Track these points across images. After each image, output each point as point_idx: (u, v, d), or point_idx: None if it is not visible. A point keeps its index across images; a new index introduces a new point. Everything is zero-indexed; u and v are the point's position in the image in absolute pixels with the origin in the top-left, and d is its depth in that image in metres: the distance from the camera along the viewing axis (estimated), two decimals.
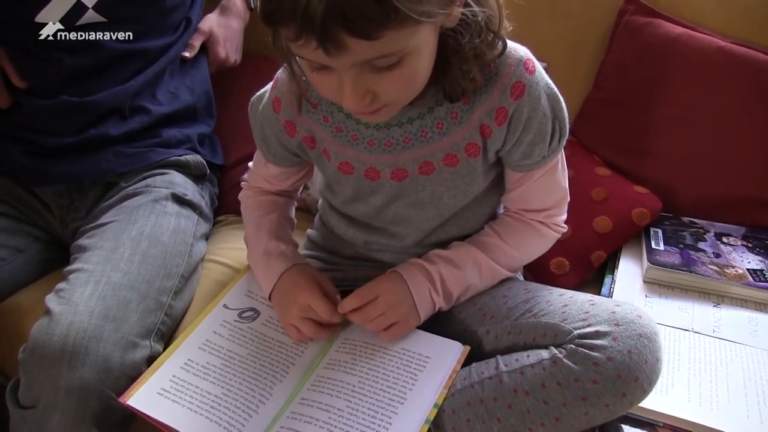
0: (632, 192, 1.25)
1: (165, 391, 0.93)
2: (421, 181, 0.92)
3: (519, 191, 0.96)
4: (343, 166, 0.94)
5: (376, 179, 0.94)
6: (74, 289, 0.99)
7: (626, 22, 1.34)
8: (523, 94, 0.85)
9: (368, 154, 0.92)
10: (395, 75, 0.74)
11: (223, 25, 1.45)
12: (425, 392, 0.88)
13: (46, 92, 1.21)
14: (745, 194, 1.25)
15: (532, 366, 0.83)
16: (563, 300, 0.89)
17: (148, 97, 1.27)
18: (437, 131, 0.89)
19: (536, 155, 0.90)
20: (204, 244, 1.25)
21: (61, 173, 1.22)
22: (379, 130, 0.90)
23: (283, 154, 1.01)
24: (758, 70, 1.23)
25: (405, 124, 0.89)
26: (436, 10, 0.70)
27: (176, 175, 1.25)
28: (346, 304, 0.95)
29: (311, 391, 0.92)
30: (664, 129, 1.29)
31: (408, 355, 0.93)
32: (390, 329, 0.94)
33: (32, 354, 0.94)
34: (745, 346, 1.02)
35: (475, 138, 0.89)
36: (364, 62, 0.72)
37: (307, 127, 0.94)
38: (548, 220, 0.99)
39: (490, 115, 0.86)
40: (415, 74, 0.77)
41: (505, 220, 1.00)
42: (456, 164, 0.91)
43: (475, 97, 0.86)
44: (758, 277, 1.12)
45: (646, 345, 0.80)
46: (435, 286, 0.95)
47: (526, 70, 0.85)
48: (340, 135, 0.92)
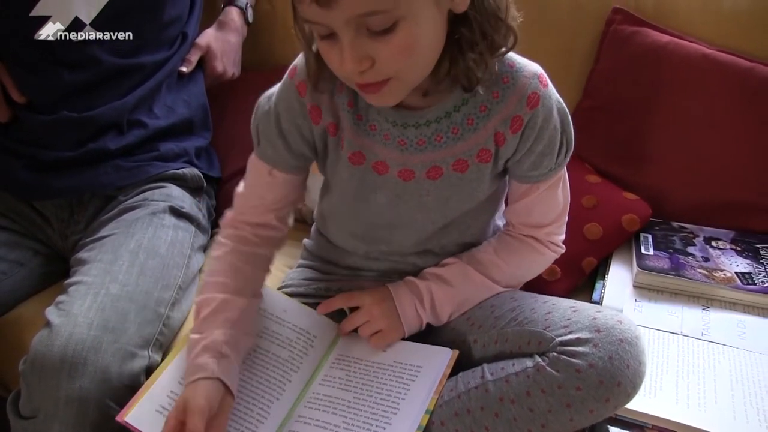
0: (622, 198, 1.27)
1: (163, 408, 0.92)
2: (426, 185, 0.94)
3: (523, 203, 0.97)
4: (355, 155, 0.94)
5: (383, 173, 0.94)
6: (74, 301, 1.01)
7: (614, 32, 1.36)
8: (538, 104, 0.87)
9: (382, 146, 0.92)
10: (392, 41, 0.75)
11: (221, 39, 1.47)
12: (417, 400, 0.90)
13: (46, 107, 1.23)
14: (734, 198, 1.27)
15: (516, 374, 0.85)
16: (546, 307, 0.90)
17: (146, 111, 1.29)
18: (452, 136, 0.90)
19: (544, 167, 0.92)
20: (202, 255, 1.27)
21: (61, 187, 1.24)
22: (395, 128, 0.90)
23: (299, 149, 0.96)
24: (743, 76, 1.25)
25: (422, 125, 0.90)
26: None
27: (174, 188, 1.27)
28: (334, 303, 1.01)
29: (308, 408, 0.94)
30: (654, 135, 1.31)
31: (400, 366, 0.95)
32: (377, 336, 0.97)
33: (33, 365, 0.96)
34: (733, 348, 1.04)
35: (489, 145, 0.90)
36: (357, 20, 0.73)
37: (333, 111, 0.92)
38: (547, 238, 1.01)
39: (505, 123, 0.88)
40: (412, 44, 0.76)
41: (505, 238, 1.02)
42: (465, 170, 0.92)
43: (492, 105, 0.88)
44: (746, 280, 1.14)
45: (627, 350, 0.81)
46: (422, 302, 0.97)
47: (540, 83, 0.88)
48: (359, 122, 0.92)
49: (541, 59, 1.40)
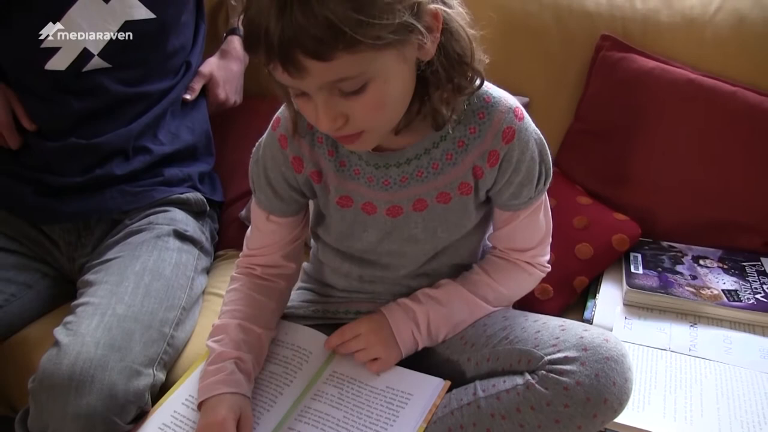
0: (612, 219, 1.31)
1: (165, 425, 0.98)
2: (414, 217, 0.97)
3: (506, 230, 1.00)
4: (343, 199, 0.98)
5: (373, 213, 0.98)
6: (81, 321, 1.04)
7: (603, 57, 1.41)
8: (513, 138, 0.90)
9: (367, 188, 0.96)
10: (364, 100, 0.78)
11: (223, 67, 1.51)
12: (405, 428, 0.92)
13: (55, 134, 1.27)
14: (721, 218, 1.31)
15: (507, 391, 0.88)
16: (536, 326, 0.93)
17: (151, 137, 1.33)
18: (432, 171, 0.94)
19: (524, 196, 0.95)
20: (205, 277, 1.30)
21: (69, 211, 1.27)
22: (378, 170, 0.94)
23: (289, 196, 1.01)
24: (726, 99, 1.30)
25: (403, 164, 0.93)
26: (389, 35, 0.73)
27: (178, 212, 1.30)
28: (330, 342, 1.02)
29: (298, 421, 0.96)
30: (643, 157, 1.35)
31: (392, 392, 0.97)
32: (374, 362, 0.99)
33: (41, 383, 0.98)
34: (719, 363, 1.07)
35: (468, 178, 0.94)
36: (329, 85, 0.76)
37: (314, 161, 0.97)
38: (533, 260, 1.04)
39: (482, 158, 0.92)
40: (383, 100, 0.80)
41: (493, 259, 1.05)
42: (449, 201, 0.95)
43: (469, 141, 0.91)
44: (732, 297, 1.17)
45: (613, 368, 0.84)
46: (419, 326, 1.00)
47: (515, 117, 0.91)
48: (342, 169, 0.96)
49: (535, 85, 1.47)
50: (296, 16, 0.69)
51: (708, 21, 1.37)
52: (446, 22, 0.81)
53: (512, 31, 1.47)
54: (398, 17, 0.73)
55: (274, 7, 0.70)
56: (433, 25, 0.78)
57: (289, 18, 0.70)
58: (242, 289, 1.06)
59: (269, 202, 1.02)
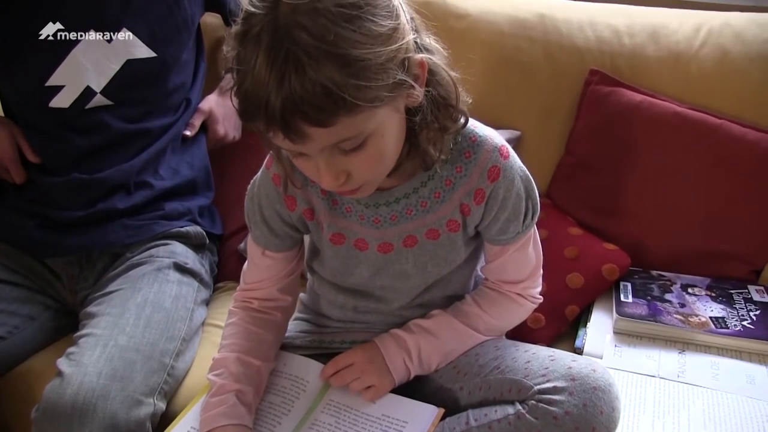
0: (602, 249, 1.33)
1: None
2: (405, 253, 0.99)
3: (497, 263, 1.03)
4: (335, 236, 1.00)
5: (365, 250, 1.00)
6: (84, 352, 1.07)
7: (592, 92, 1.44)
8: (499, 176, 0.93)
9: (359, 226, 0.98)
10: (363, 155, 0.80)
11: (222, 104, 1.53)
12: None
13: (58, 170, 1.30)
14: (709, 247, 1.34)
15: (498, 421, 0.90)
16: (527, 356, 0.95)
17: (152, 172, 1.36)
18: (421, 209, 0.96)
19: (511, 231, 0.98)
20: (204, 309, 1.33)
21: (72, 245, 1.30)
22: (368, 209, 0.97)
23: (284, 232, 1.03)
24: (712, 132, 1.33)
25: (392, 203, 0.96)
26: (384, 94, 0.76)
27: (178, 245, 1.33)
28: (325, 371, 1.04)
29: None
30: (631, 188, 1.38)
31: (387, 420, 0.99)
32: (368, 390, 1.01)
33: (45, 413, 1.01)
34: (706, 389, 1.09)
35: (456, 215, 0.96)
36: (330, 146, 0.78)
37: (306, 199, 0.98)
38: (524, 292, 1.06)
39: (469, 195, 0.95)
40: (382, 153, 0.83)
41: (485, 291, 1.07)
42: (438, 237, 0.98)
43: (456, 179, 0.94)
44: (720, 324, 1.19)
45: (600, 397, 0.86)
46: (410, 356, 1.02)
47: (501, 155, 0.93)
48: (335, 207, 0.99)
49: (526, 119, 1.50)
50: (295, 87, 0.71)
51: (693, 56, 1.41)
52: (431, 68, 0.84)
53: (504, 67, 1.50)
54: (392, 77, 0.76)
55: (272, 80, 0.72)
56: (420, 74, 0.82)
57: (288, 89, 0.71)
58: (240, 323, 1.07)
59: (265, 238, 1.04)
